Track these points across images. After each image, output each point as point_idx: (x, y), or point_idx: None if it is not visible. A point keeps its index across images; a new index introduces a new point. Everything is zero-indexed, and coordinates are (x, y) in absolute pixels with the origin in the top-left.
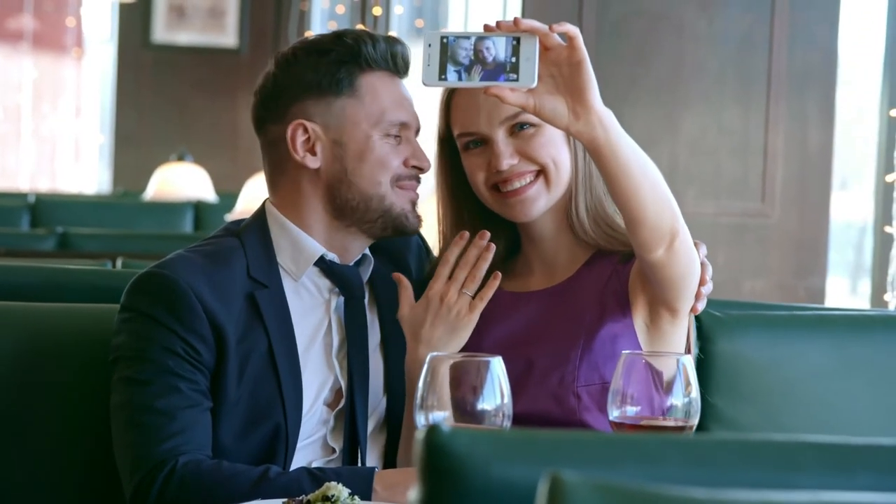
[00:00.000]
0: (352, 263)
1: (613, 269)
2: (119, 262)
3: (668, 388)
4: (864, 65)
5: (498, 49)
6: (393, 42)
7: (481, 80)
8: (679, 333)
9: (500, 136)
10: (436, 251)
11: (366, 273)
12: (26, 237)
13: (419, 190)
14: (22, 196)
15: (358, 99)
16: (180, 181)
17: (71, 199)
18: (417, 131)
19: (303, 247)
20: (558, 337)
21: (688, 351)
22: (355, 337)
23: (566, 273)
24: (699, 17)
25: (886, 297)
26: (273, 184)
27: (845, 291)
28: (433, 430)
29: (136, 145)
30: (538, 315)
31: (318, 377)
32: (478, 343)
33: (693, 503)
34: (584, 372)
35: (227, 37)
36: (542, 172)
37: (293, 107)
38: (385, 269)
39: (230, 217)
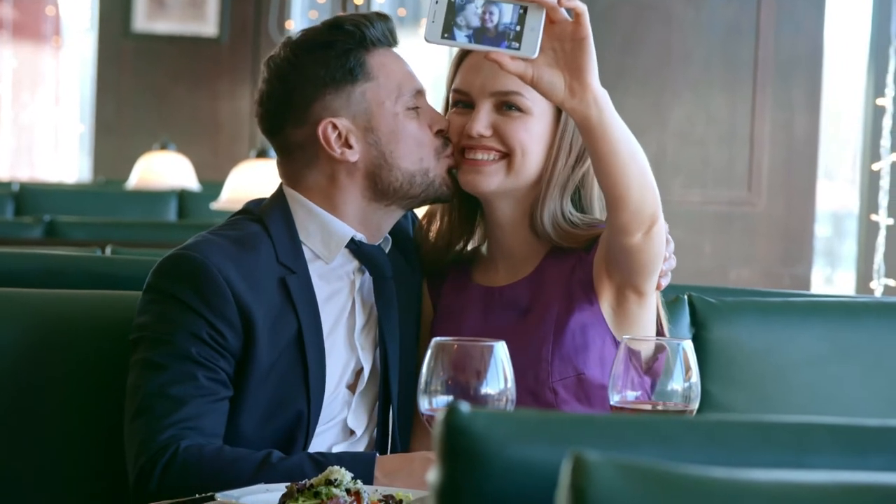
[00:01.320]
0: (378, 243)
1: (577, 259)
2: (108, 250)
3: (666, 373)
4: (850, 53)
5: (504, 15)
6: (384, 18)
7: (483, 44)
8: (647, 313)
9: (486, 106)
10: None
11: (386, 250)
12: (13, 225)
13: None
14: (6, 185)
15: (373, 80)
16: (163, 170)
17: (55, 187)
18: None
19: (333, 230)
20: (528, 334)
21: (660, 332)
22: (386, 316)
23: (528, 267)
24: (686, 5)
25: (872, 284)
26: (298, 178)
27: (821, 280)
28: (452, 411)
29: (115, 134)
30: (507, 312)
31: (340, 360)
32: (455, 335)
33: (712, 483)
34: (558, 367)
35: (208, 26)
36: (508, 156)
37: (313, 107)
38: (393, 248)
39: (216, 206)
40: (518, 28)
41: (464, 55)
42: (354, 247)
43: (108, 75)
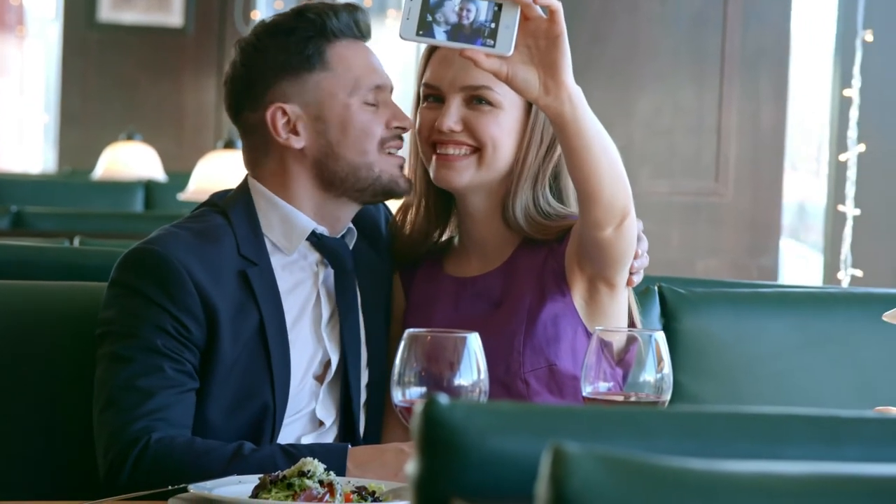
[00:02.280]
0: (340, 235)
1: (549, 249)
2: (76, 241)
3: (639, 364)
4: (816, 44)
5: (479, 12)
6: (353, 9)
7: (458, 41)
8: (618, 305)
9: (456, 101)
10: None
11: (350, 244)
12: None
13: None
14: None
15: (330, 71)
16: (130, 160)
17: (21, 178)
18: (391, 91)
19: (294, 222)
20: (499, 325)
21: (632, 325)
22: (347, 309)
23: (500, 257)
24: None
25: (839, 275)
26: (256, 165)
27: (787, 270)
28: (431, 402)
29: (81, 125)
30: (478, 302)
31: (307, 351)
32: (426, 326)
33: (690, 474)
34: (529, 358)
35: (173, 16)
36: (479, 150)
37: (269, 92)
38: (360, 242)
39: (183, 196)
40: (493, 25)
41: (434, 49)
42: (315, 239)
43: (73, 65)
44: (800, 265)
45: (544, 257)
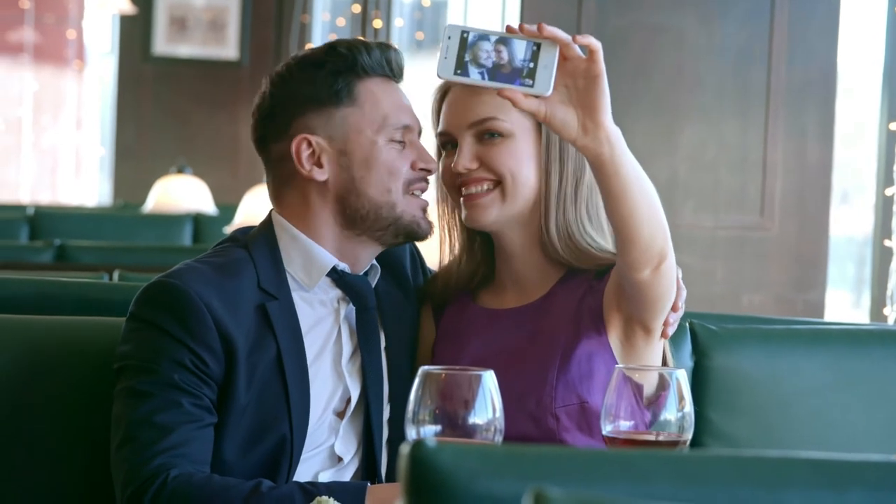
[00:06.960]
0: (362, 273)
1: (588, 286)
2: (116, 275)
3: (660, 403)
4: (863, 78)
5: (517, 52)
6: (386, 48)
7: (496, 80)
8: (654, 350)
9: (467, 139)
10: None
11: (373, 281)
12: (24, 249)
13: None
14: (21, 208)
15: (358, 107)
16: (180, 193)
17: (70, 211)
18: (420, 133)
19: (315, 257)
20: (534, 358)
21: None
22: (369, 346)
23: (539, 291)
24: (699, 30)
25: (886, 310)
26: (279, 197)
27: (847, 306)
28: (418, 444)
29: (136, 158)
30: (513, 334)
31: (327, 386)
32: (455, 359)
33: None
34: (562, 393)
35: (228, 49)
36: (499, 183)
37: (294, 122)
38: (385, 280)
39: (228, 229)
40: (531, 65)
41: (441, 99)
42: (337, 276)
43: (129, 99)
44: (848, 300)
45: (583, 294)
